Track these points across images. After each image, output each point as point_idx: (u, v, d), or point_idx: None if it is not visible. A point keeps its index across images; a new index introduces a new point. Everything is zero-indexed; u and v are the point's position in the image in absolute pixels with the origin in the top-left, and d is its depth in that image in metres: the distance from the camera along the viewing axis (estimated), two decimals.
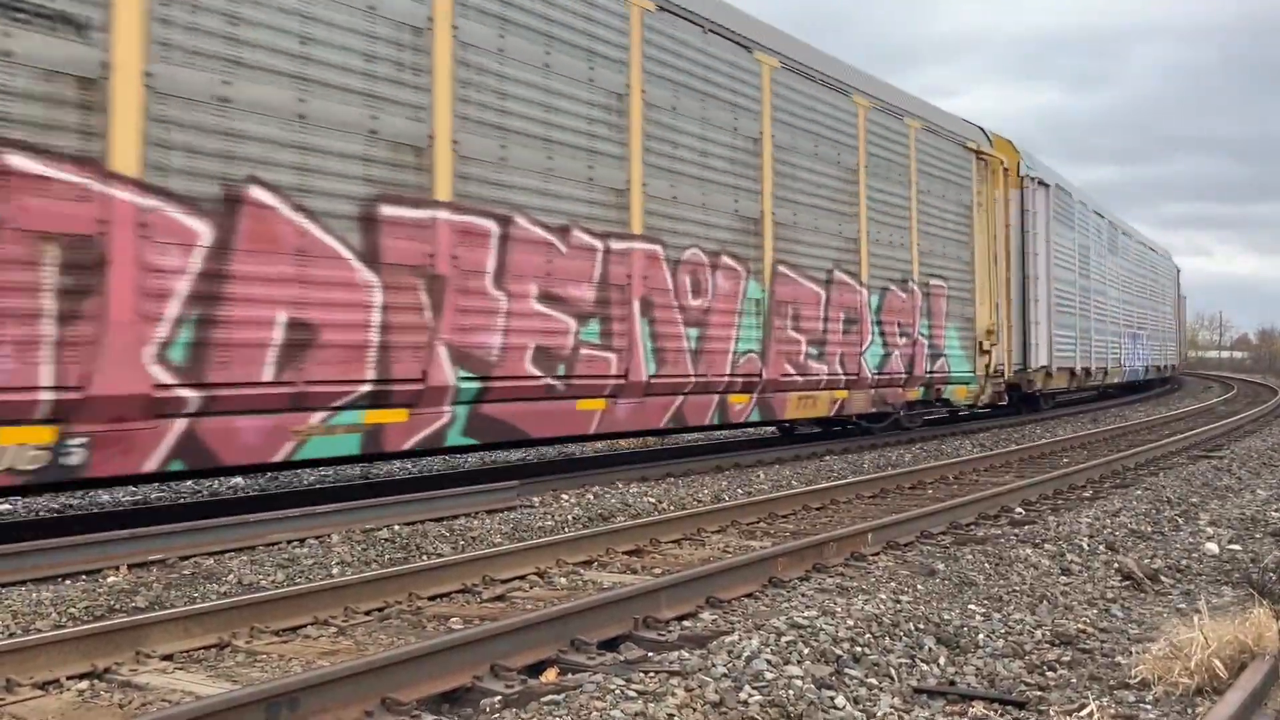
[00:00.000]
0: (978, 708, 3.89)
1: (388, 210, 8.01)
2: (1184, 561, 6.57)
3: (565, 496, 9.28)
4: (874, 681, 4.04)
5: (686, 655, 4.18)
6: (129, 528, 6.98)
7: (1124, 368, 29.75)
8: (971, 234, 17.88)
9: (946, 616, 4.93)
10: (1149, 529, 7.68)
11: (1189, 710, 3.89)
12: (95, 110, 6.32)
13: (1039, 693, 4.10)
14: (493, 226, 8.90)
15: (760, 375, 12.31)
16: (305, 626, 5.16)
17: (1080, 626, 5.01)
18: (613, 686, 3.80)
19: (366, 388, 7.84)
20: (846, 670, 4.11)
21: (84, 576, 6.21)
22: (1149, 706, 3.96)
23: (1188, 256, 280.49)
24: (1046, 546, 6.83)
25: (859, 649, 4.33)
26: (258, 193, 7.15)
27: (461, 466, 12.67)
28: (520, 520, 8.00)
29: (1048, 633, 4.89)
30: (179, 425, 6.75)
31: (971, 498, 8.93)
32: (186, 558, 6.65)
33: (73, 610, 5.36)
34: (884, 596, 5.23)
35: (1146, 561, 6.39)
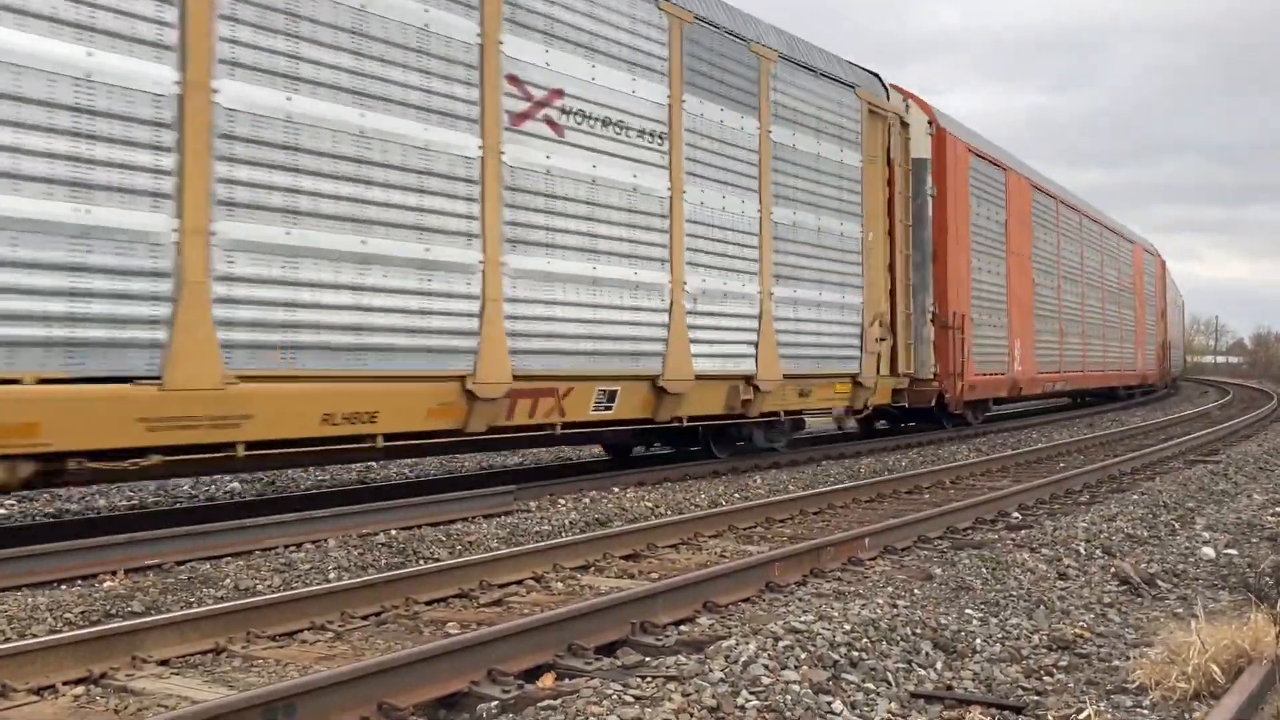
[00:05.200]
0: (975, 713, 3.89)
1: None
2: (1181, 566, 6.57)
3: (562, 501, 9.27)
4: (871, 686, 4.04)
5: (684, 660, 4.18)
6: (125, 532, 6.97)
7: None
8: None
9: (944, 621, 4.93)
10: (1145, 534, 7.69)
11: (1186, 715, 3.90)
12: None
13: (1036, 697, 4.10)
14: None
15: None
16: (302, 631, 5.16)
17: (1077, 631, 5.01)
18: (610, 691, 3.80)
19: None
20: (844, 675, 4.11)
21: (80, 581, 6.19)
22: (1146, 711, 3.96)
23: (1179, 261, 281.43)
24: (1043, 551, 6.84)
25: (856, 654, 4.33)
26: None
27: (459, 471, 12.66)
28: (517, 525, 8.00)
29: (1045, 637, 4.89)
30: None
31: (968, 502, 8.94)
32: (183, 562, 6.64)
33: (68, 615, 5.35)
34: (881, 601, 5.23)
35: (1143, 566, 6.39)
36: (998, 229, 19.13)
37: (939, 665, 4.41)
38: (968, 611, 5.22)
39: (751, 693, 3.82)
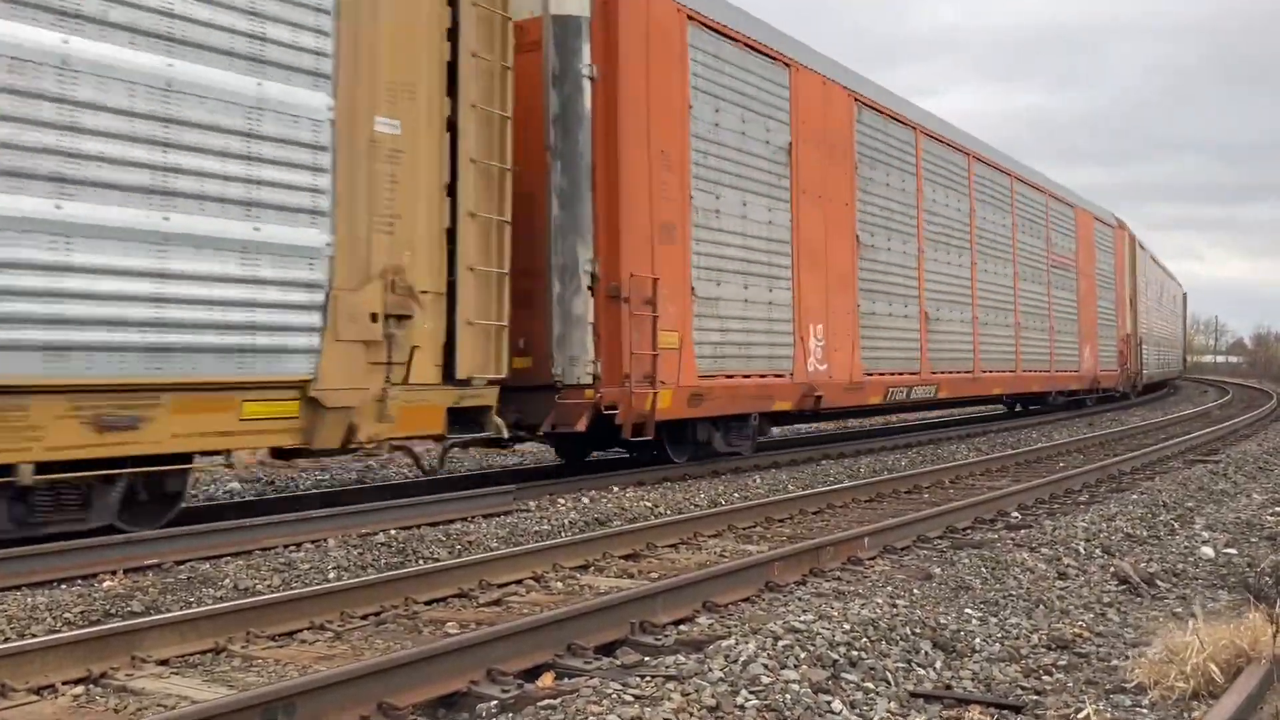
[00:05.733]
0: (974, 712, 3.89)
1: None
2: (1180, 566, 6.58)
3: (561, 501, 9.27)
4: (870, 686, 4.04)
5: (683, 660, 4.18)
6: (124, 532, 6.97)
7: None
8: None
9: (943, 621, 4.93)
10: (1145, 533, 7.69)
11: (1185, 714, 3.90)
12: None
13: (1035, 697, 4.10)
14: None
15: None
16: (301, 631, 5.16)
17: (1076, 631, 5.01)
18: (609, 691, 3.80)
19: None
20: (843, 675, 4.11)
21: (79, 581, 6.19)
22: (1145, 710, 3.97)
23: (1178, 260, 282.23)
24: (1043, 550, 6.84)
25: (855, 653, 4.33)
26: None
27: (458, 471, 12.66)
28: (516, 525, 8.00)
29: (1044, 637, 4.89)
30: None
31: (968, 502, 8.94)
32: (182, 562, 6.64)
33: (68, 615, 5.35)
34: (880, 601, 5.23)
35: (1143, 566, 6.39)
36: (772, 154, 12.65)
37: (938, 665, 4.42)
38: (967, 611, 5.23)
39: (751, 692, 3.82)
